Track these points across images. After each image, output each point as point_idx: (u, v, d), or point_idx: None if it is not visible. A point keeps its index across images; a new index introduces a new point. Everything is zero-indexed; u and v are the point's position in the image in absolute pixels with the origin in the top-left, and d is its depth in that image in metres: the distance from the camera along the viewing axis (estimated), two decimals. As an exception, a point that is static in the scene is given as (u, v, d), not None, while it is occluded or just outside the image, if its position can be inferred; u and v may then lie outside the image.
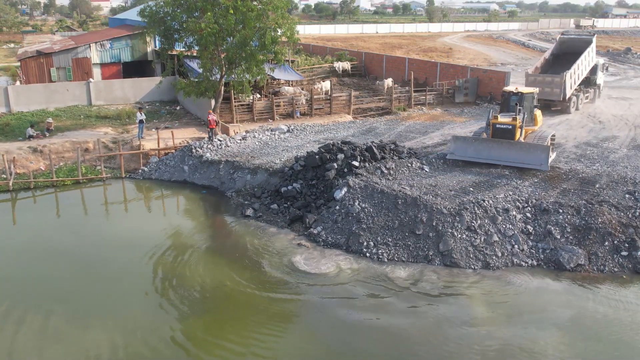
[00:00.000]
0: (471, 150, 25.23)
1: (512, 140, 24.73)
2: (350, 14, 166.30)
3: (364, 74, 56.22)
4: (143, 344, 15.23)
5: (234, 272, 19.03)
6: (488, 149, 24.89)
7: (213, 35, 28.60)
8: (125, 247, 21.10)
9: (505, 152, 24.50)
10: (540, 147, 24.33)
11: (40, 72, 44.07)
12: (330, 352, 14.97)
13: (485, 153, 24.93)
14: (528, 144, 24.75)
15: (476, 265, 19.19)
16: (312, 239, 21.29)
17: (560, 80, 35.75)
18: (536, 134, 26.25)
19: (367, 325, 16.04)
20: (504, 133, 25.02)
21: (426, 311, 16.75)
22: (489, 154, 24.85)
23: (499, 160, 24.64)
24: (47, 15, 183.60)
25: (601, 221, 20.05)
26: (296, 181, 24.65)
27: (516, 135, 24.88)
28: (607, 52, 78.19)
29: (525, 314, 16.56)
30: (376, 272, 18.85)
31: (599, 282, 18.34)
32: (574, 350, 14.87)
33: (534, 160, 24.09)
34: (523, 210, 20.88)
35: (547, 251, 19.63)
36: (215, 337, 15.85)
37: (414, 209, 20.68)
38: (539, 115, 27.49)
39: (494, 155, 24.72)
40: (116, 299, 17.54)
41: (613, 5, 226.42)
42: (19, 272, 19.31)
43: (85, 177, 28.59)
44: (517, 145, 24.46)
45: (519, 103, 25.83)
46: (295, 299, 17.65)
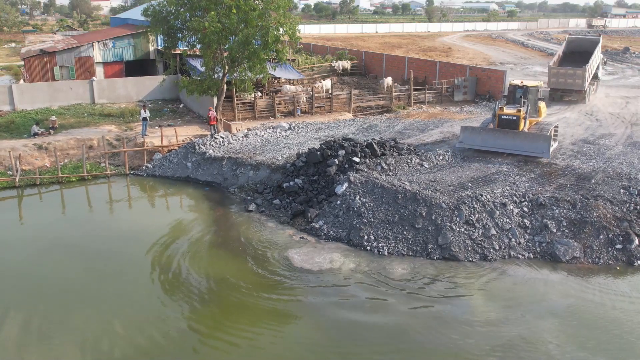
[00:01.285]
0: (479, 139, 26.75)
1: (516, 130, 26.07)
2: (350, 14, 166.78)
3: (364, 73, 56.67)
4: (148, 333, 15.67)
5: (238, 265, 19.52)
6: (494, 138, 26.33)
7: (216, 34, 29.04)
8: (131, 241, 21.60)
9: (510, 141, 25.93)
10: (542, 136, 25.67)
11: (44, 71, 44.57)
12: (335, 343, 15.39)
13: (492, 142, 26.38)
14: (531, 133, 26.13)
15: (474, 257, 19.68)
16: (314, 233, 21.76)
17: (582, 72, 39.50)
18: (540, 124, 27.93)
19: (369, 315, 16.50)
20: (509, 123, 26.54)
21: (426, 302, 17.21)
22: (495, 142, 26.28)
23: (504, 148, 26.10)
24: (46, 15, 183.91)
25: (596, 215, 20.54)
26: (298, 177, 25.13)
27: (520, 126, 26.29)
28: (605, 51, 78.56)
29: (524, 304, 17.05)
30: (377, 265, 19.32)
31: (594, 274, 18.84)
32: (572, 338, 15.34)
33: (537, 149, 25.49)
34: (520, 204, 21.37)
35: (544, 244, 20.12)
36: (219, 327, 16.29)
37: (413, 204, 21.15)
38: (543, 107, 29.21)
39: (500, 144, 26.17)
40: (122, 290, 18.00)
41: (612, 5, 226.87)
42: (27, 265, 19.77)
43: (90, 173, 29.06)
44: (521, 134, 25.87)
45: (523, 96, 27.70)
46: (298, 291, 18.05)
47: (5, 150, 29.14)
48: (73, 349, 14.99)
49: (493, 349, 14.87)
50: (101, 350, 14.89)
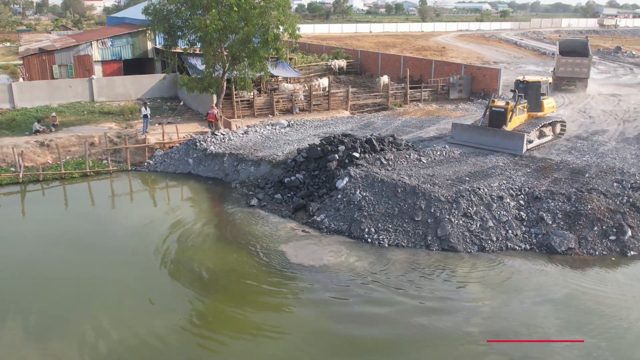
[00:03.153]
0: (466, 135, 28.45)
1: (504, 122, 27.50)
2: (344, 14, 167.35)
3: (360, 72, 57.15)
4: (152, 326, 15.97)
5: (243, 258, 19.94)
6: (478, 135, 27.99)
7: (217, 32, 29.47)
8: (135, 235, 21.93)
9: (491, 138, 27.51)
10: (517, 135, 26.96)
11: (42, 69, 44.81)
12: (336, 337, 15.85)
13: (476, 139, 28.06)
14: (509, 132, 27.27)
15: (472, 249, 20.23)
16: (315, 226, 22.24)
17: (588, 62, 44.77)
18: (535, 120, 29.11)
19: (371, 307, 17.00)
20: (498, 115, 27.88)
21: (427, 292, 17.71)
22: (479, 139, 27.92)
23: (486, 145, 27.55)
24: (39, 14, 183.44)
25: (590, 208, 21.13)
26: (299, 172, 25.59)
27: (507, 118, 27.44)
28: (597, 50, 79.59)
29: (523, 291, 17.66)
30: (378, 256, 19.84)
31: (590, 264, 19.45)
32: (570, 324, 15.90)
33: (512, 146, 26.84)
34: (516, 197, 21.94)
35: (540, 236, 20.69)
36: (224, 321, 16.65)
37: (413, 197, 21.68)
38: (547, 103, 30.13)
39: (483, 141, 27.74)
40: (126, 283, 18.36)
41: (604, 6, 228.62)
42: (32, 260, 20.03)
43: (93, 170, 29.41)
44: (500, 132, 27.29)
45: (524, 90, 28.93)
46: (301, 284, 18.50)
47: (8, 147, 29.46)
48: (77, 342, 15.18)
49: (495, 334, 15.39)
50: (106, 344, 15.07)
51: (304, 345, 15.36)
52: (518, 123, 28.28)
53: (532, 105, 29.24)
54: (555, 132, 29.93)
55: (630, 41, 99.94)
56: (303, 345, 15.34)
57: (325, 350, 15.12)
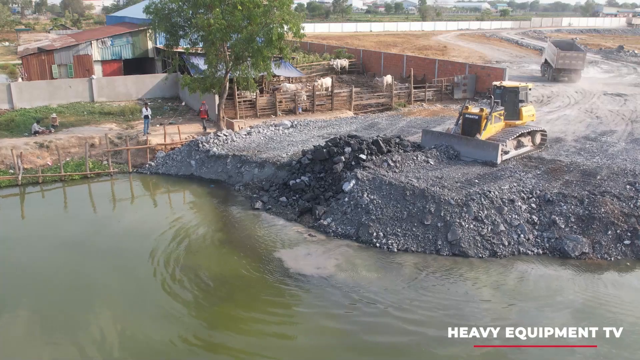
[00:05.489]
0: (437, 144, 26.60)
1: (477, 130, 25.85)
2: (343, 13, 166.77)
3: (362, 71, 56.69)
4: (156, 330, 15.64)
5: (248, 262, 19.46)
6: (450, 143, 26.32)
7: (220, 31, 28.94)
8: (137, 238, 21.52)
9: (463, 147, 25.91)
10: (492, 144, 25.17)
11: (42, 69, 44.26)
12: (345, 340, 15.43)
13: None
14: (482, 141, 25.52)
15: (484, 254, 19.73)
16: (322, 230, 21.74)
17: (583, 55, 50.52)
18: (512, 129, 26.76)
19: (381, 307, 16.54)
20: (472, 123, 26.24)
21: (437, 298, 17.23)
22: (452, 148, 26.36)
23: (460, 153, 26.01)
24: (38, 14, 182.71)
25: (604, 211, 20.64)
26: (304, 174, 25.08)
27: (482, 126, 25.82)
28: (599, 50, 79.15)
29: (540, 298, 17.18)
30: (387, 261, 19.36)
31: (605, 269, 18.97)
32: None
33: (487, 156, 25.12)
34: (528, 201, 21.45)
35: (552, 240, 20.21)
36: (228, 325, 16.27)
37: (422, 200, 21.18)
38: (527, 111, 27.60)
39: (456, 150, 26.14)
40: (128, 287, 18.00)
41: (603, 5, 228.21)
42: (32, 262, 19.61)
43: (93, 171, 28.89)
44: (473, 142, 25.63)
45: (501, 96, 27.02)
46: (308, 292, 18.02)
47: (7, 149, 28.92)
48: (79, 346, 14.94)
49: (509, 341, 14.92)
50: (107, 349, 14.83)
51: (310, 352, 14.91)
52: (494, 132, 26.28)
53: (510, 113, 26.98)
54: (535, 143, 27.32)
55: (631, 40, 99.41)
56: (309, 352, 14.91)
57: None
